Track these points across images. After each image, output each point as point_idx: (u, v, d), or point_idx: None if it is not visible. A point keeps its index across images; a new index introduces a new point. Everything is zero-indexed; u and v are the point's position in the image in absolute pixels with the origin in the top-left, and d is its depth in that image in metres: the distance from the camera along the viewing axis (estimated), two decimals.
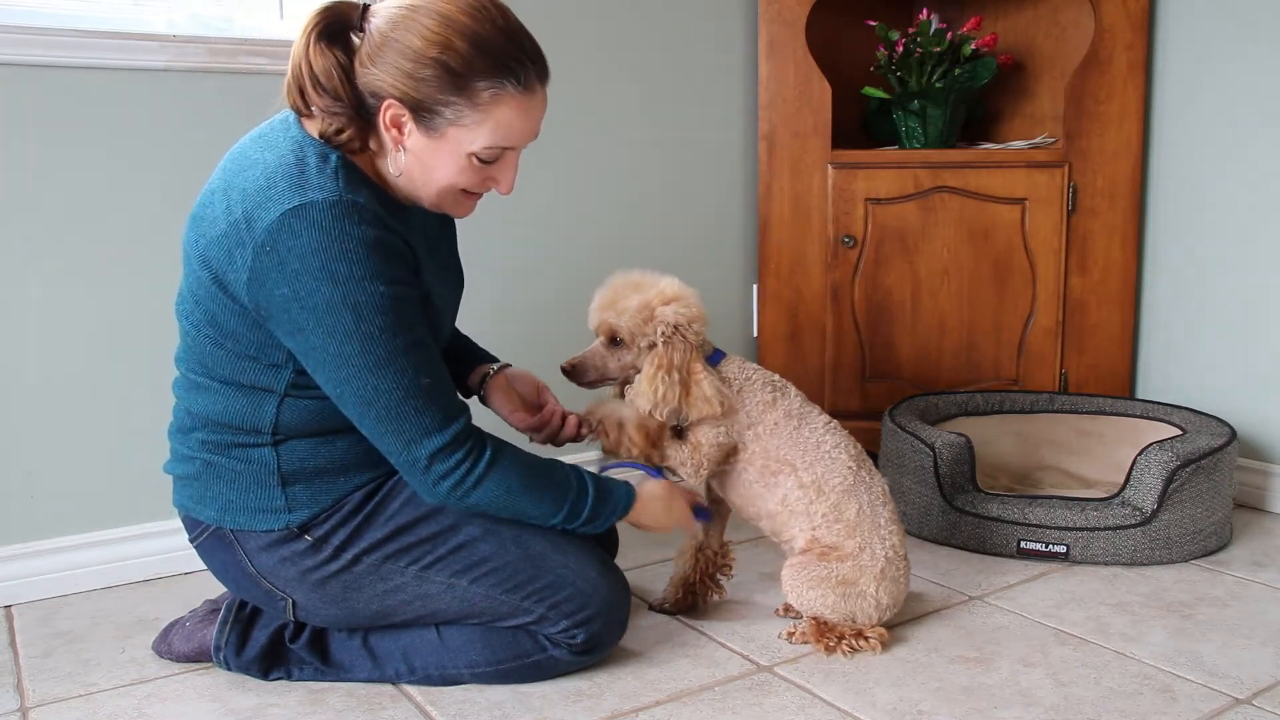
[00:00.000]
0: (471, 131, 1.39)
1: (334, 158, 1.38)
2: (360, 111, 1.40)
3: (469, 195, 1.49)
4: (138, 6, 1.98)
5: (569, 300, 2.38)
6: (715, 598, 1.84)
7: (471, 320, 1.86)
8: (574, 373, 1.72)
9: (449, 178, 1.43)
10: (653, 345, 1.65)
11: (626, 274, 1.69)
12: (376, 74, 1.37)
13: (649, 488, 1.63)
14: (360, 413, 1.39)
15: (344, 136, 1.40)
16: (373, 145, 1.44)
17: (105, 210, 1.94)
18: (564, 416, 1.73)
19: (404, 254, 1.39)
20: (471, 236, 2.33)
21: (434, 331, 1.51)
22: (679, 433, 1.70)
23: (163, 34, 1.95)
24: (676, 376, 1.63)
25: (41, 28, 1.84)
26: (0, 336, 1.88)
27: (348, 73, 1.38)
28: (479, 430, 1.45)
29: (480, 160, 1.43)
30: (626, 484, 1.59)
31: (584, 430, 1.72)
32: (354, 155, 1.43)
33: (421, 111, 1.37)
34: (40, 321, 1.91)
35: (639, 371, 1.68)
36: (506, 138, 1.42)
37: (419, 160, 1.42)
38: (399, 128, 1.40)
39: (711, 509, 1.78)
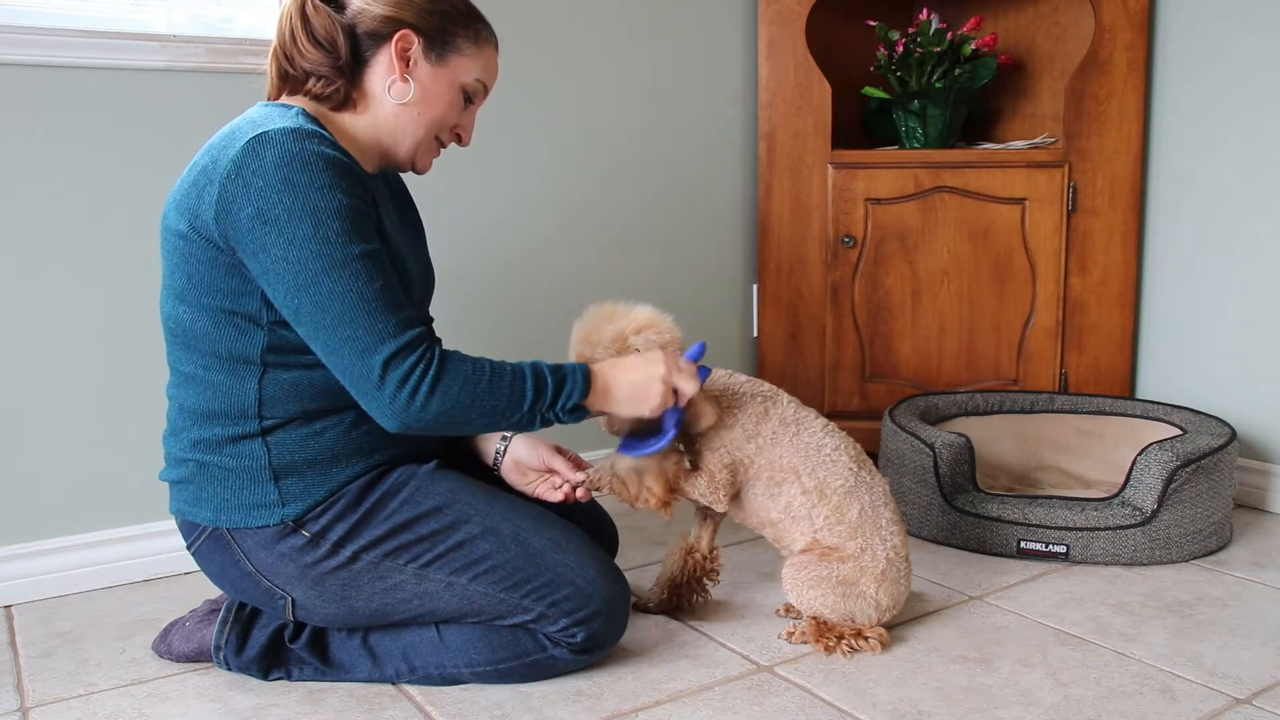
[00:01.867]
0: (470, 61, 1.55)
1: (296, 109, 1.47)
2: (353, 59, 1.51)
3: (438, 144, 1.61)
4: (137, 7, 1.98)
5: (569, 301, 2.38)
6: (700, 600, 1.83)
7: (469, 323, 1.87)
8: None
9: (441, 109, 1.55)
10: None
11: (600, 306, 1.67)
12: (386, 7, 1.50)
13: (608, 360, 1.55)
14: (315, 322, 1.38)
15: (330, 90, 1.51)
16: (354, 96, 1.53)
17: (105, 210, 1.94)
18: (573, 488, 1.69)
19: (362, 181, 1.43)
20: (469, 237, 2.34)
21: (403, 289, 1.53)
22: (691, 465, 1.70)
23: (162, 34, 1.95)
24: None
25: (41, 28, 1.84)
26: (0, 336, 1.88)
27: (344, 26, 1.50)
28: (432, 336, 1.46)
29: (465, 97, 1.57)
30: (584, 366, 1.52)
31: (593, 492, 1.69)
32: (336, 111, 1.53)
33: (435, 39, 1.52)
34: (40, 321, 1.91)
35: None
36: (488, 75, 1.60)
37: (420, 89, 1.53)
38: (405, 59, 1.51)
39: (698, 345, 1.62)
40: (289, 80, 1.52)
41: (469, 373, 1.41)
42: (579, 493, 1.68)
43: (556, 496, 1.67)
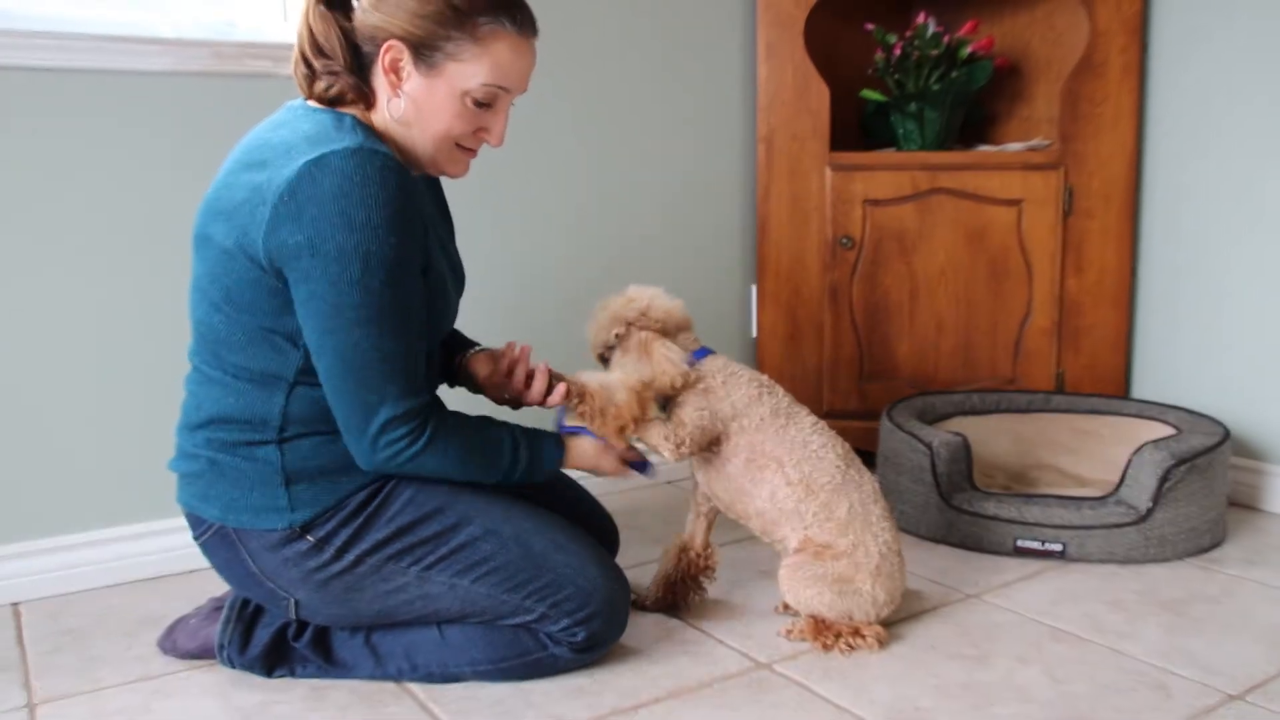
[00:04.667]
0: (470, 67, 1.44)
1: (349, 119, 1.44)
2: (356, 69, 1.46)
3: (463, 150, 1.53)
4: (142, 11, 1.99)
5: (569, 301, 2.40)
6: (696, 598, 1.84)
7: (469, 322, 1.87)
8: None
9: (445, 122, 1.47)
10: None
11: (598, 302, 1.76)
12: (380, 17, 1.43)
13: (578, 442, 1.65)
14: (332, 367, 1.41)
15: (346, 91, 1.46)
16: (373, 101, 1.48)
17: (110, 212, 1.95)
18: (530, 373, 1.67)
19: (419, 210, 1.42)
20: (469, 239, 2.34)
21: (436, 316, 1.54)
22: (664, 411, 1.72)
23: (166, 38, 1.96)
24: (633, 356, 1.68)
25: (45, 32, 1.85)
26: (7, 335, 1.89)
27: (346, 33, 1.45)
28: (431, 408, 1.48)
29: (475, 103, 1.47)
30: (556, 439, 1.63)
31: (561, 399, 1.65)
32: (369, 112, 1.49)
33: (422, 49, 1.43)
34: (46, 320, 1.92)
35: None
36: (503, 77, 1.46)
37: (416, 105, 1.46)
38: (397, 71, 1.45)
39: (652, 463, 1.74)
40: (313, 83, 1.48)
41: (447, 452, 1.48)
42: (539, 372, 1.65)
43: (535, 383, 1.65)
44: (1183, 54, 2.46)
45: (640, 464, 1.72)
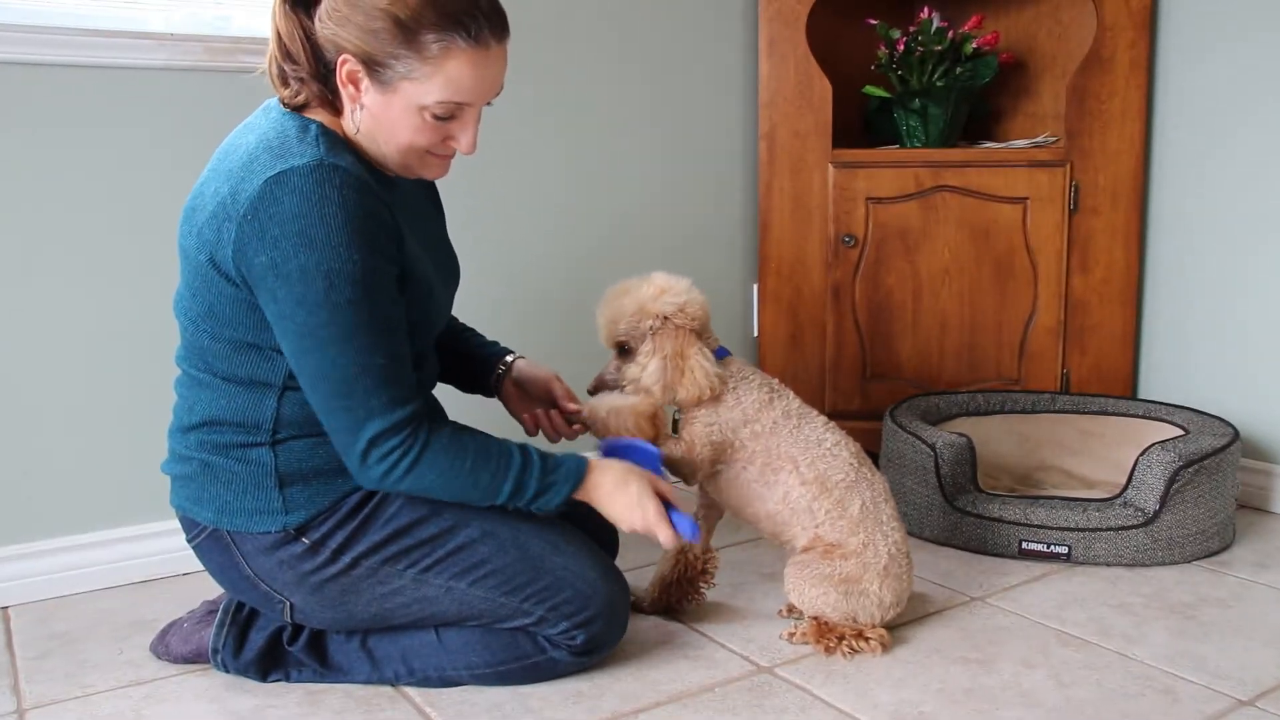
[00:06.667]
0: (422, 85, 1.38)
1: (314, 127, 1.41)
2: (321, 75, 1.43)
3: (434, 155, 1.48)
4: (135, 6, 1.98)
5: (569, 299, 2.38)
6: (693, 604, 1.83)
7: (470, 321, 1.86)
8: (597, 391, 1.75)
9: (406, 135, 1.42)
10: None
11: (614, 286, 1.72)
12: (333, 29, 1.39)
13: (606, 463, 1.54)
14: (313, 385, 1.39)
15: (311, 100, 1.44)
16: (339, 105, 1.45)
17: (103, 209, 1.93)
18: (564, 417, 1.75)
19: (386, 222, 1.39)
20: (469, 236, 2.33)
21: (424, 320, 1.52)
22: (674, 428, 1.70)
23: (160, 32, 1.95)
24: (665, 361, 1.65)
25: (38, 26, 1.84)
26: None
27: (309, 35, 1.41)
28: (422, 416, 1.43)
29: (435, 117, 1.41)
30: (578, 455, 1.54)
31: (579, 428, 1.72)
32: (338, 116, 1.45)
33: (375, 66, 1.38)
34: (36, 320, 1.90)
35: None
36: (458, 93, 1.40)
37: (374, 117, 1.42)
38: (355, 84, 1.41)
39: (698, 524, 1.64)
40: (287, 84, 1.46)
41: (446, 465, 1.43)
42: (573, 429, 1.73)
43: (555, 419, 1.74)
44: (1192, 49, 2.44)
45: (683, 520, 1.54)
